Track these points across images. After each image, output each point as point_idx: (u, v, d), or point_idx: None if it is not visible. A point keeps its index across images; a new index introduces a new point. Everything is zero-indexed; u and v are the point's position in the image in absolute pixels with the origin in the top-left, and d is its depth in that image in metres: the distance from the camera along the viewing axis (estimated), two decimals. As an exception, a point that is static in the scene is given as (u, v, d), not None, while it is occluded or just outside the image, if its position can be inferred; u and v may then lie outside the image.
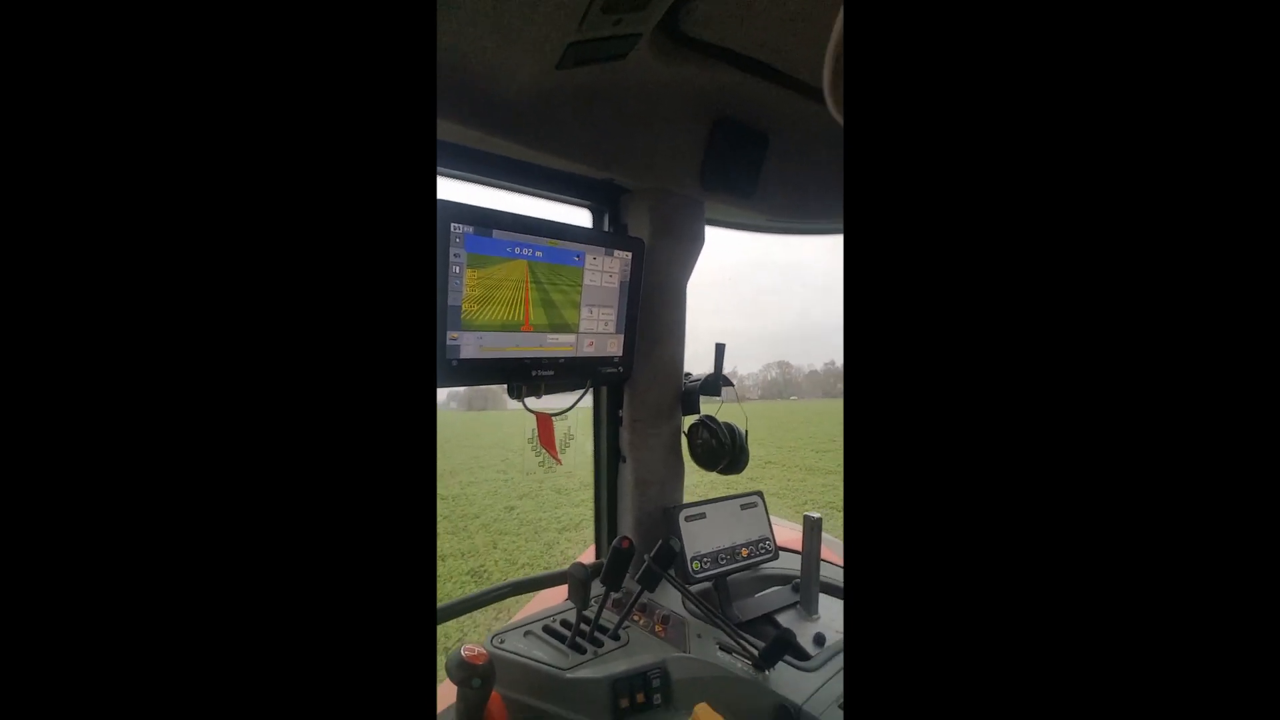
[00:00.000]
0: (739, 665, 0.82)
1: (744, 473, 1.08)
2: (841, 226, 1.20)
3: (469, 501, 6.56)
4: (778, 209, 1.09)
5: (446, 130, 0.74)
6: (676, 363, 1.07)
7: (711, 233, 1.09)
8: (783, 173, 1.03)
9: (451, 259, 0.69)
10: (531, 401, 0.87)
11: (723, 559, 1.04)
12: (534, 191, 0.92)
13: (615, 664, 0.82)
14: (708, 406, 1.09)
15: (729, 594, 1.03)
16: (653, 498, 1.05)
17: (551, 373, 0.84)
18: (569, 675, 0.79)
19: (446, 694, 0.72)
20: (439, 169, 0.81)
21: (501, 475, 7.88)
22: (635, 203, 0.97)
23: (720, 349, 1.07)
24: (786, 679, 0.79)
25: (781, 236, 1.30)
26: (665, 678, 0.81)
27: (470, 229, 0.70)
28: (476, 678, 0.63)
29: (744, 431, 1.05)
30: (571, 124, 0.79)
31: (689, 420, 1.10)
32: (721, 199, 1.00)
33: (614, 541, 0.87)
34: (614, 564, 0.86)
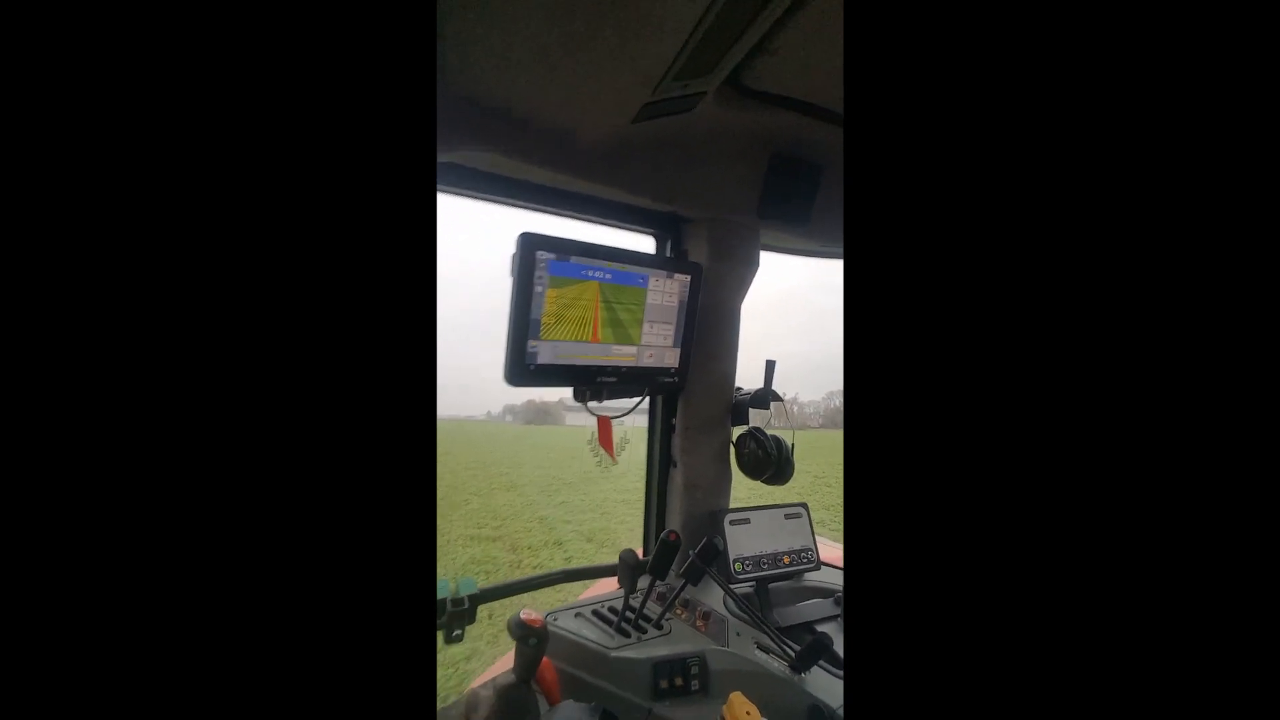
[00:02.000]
0: (775, 664, 0.86)
1: (800, 491, 1.13)
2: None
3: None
4: (832, 236, 1.14)
5: (532, 173, 0.88)
6: (729, 376, 1.15)
7: (768, 256, 1.17)
8: (837, 202, 1.09)
9: (536, 281, 0.82)
10: (594, 406, 0.98)
11: (764, 563, 1.09)
12: (605, 222, 1.05)
13: (657, 649, 0.89)
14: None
15: (770, 599, 1.08)
16: (700, 501, 1.12)
17: (614, 379, 0.94)
18: (614, 654, 0.87)
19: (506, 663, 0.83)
20: (527, 206, 0.96)
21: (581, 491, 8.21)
22: (695, 230, 1.07)
23: (770, 365, 1.14)
24: (821, 683, 0.82)
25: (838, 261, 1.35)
26: (703, 666, 0.88)
27: (552, 256, 0.82)
28: (533, 637, 0.73)
29: (790, 445, 1.11)
30: (641, 166, 0.91)
31: (738, 431, 1.17)
32: (777, 227, 1.07)
33: (662, 534, 0.95)
34: (660, 554, 0.94)
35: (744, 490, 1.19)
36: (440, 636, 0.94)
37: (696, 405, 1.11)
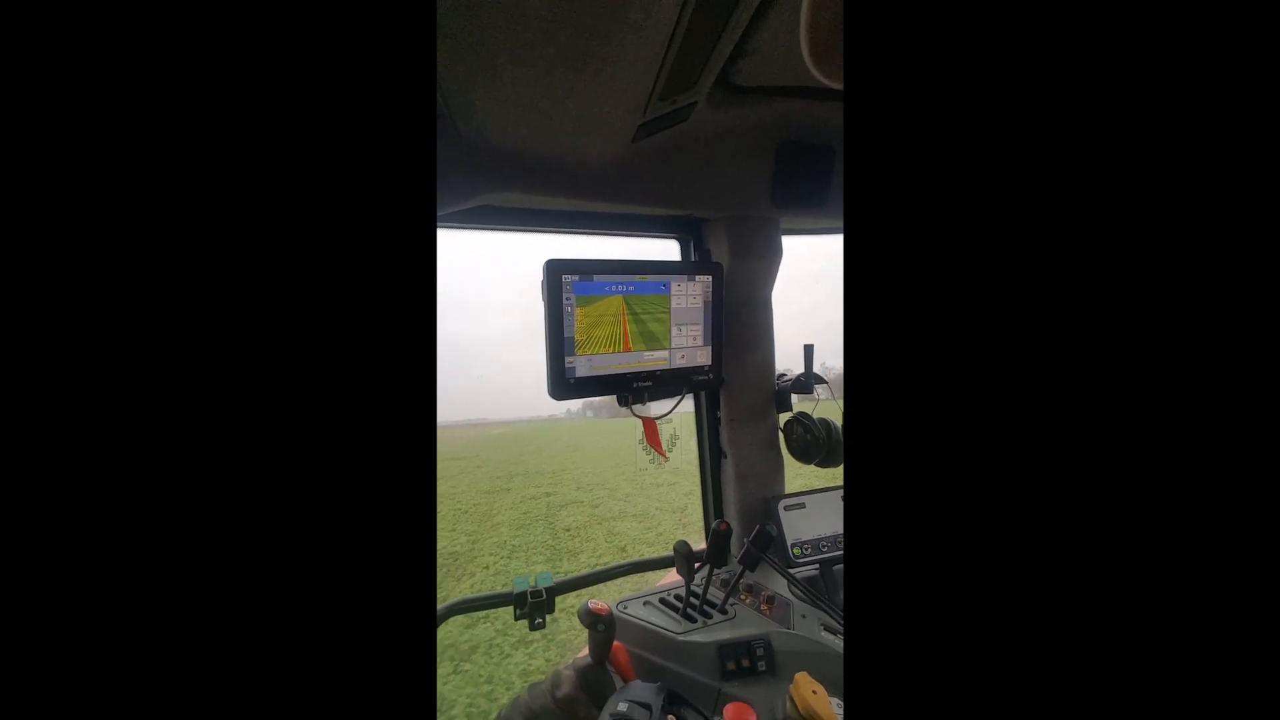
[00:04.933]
0: (841, 645, 0.88)
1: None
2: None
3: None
4: None
5: (545, 201, 0.96)
6: (768, 366, 1.16)
7: (799, 240, 1.17)
8: None
9: (564, 302, 0.90)
10: (639, 408, 1.05)
11: (824, 546, 1.10)
12: (629, 234, 1.11)
13: (722, 632, 0.94)
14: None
15: (836, 582, 1.09)
16: (753, 490, 1.15)
17: (650, 384, 1.01)
18: (681, 639, 0.93)
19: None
20: (555, 230, 1.05)
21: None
22: (715, 230, 1.10)
23: (809, 350, 1.14)
24: None
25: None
26: (769, 648, 0.91)
27: (576, 277, 0.90)
28: (600, 623, 0.81)
29: (839, 426, 1.10)
30: (649, 178, 0.96)
31: (785, 417, 1.18)
32: (794, 213, 1.08)
33: (714, 525, 1.00)
34: (714, 544, 0.98)
35: (809, 474, 1.19)
36: (525, 624, 1.05)
37: (738, 397, 1.14)
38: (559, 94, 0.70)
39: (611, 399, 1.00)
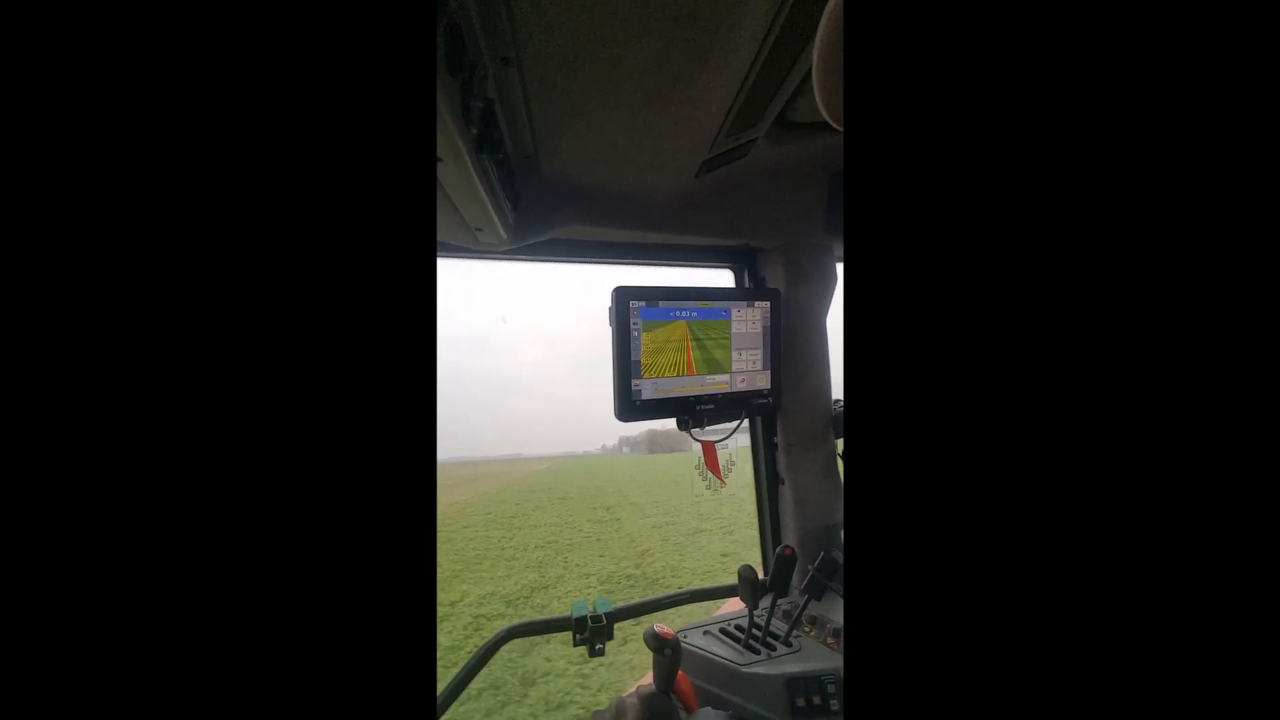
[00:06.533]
0: None
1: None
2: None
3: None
4: None
5: (610, 234, 1.02)
6: (824, 391, 1.17)
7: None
8: None
9: (632, 327, 0.94)
10: (697, 433, 1.07)
11: (890, 578, 1.06)
12: (684, 264, 1.16)
13: (788, 665, 0.91)
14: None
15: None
16: (812, 516, 1.13)
17: (712, 406, 1.02)
18: (744, 670, 0.91)
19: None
20: (619, 261, 1.11)
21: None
22: (770, 258, 1.14)
23: None
24: None
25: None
26: (840, 685, 0.88)
27: (643, 303, 0.95)
28: (668, 648, 0.80)
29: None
30: (709, 211, 1.01)
31: (843, 443, 1.17)
32: None
33: (777, 550, 0.98)
34: (778, 571, 0.97)
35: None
36: (584, 650, 1.04)
37: (795, 422, 1.14)
38: (638, 134, 0.76)
39: (647, 436, 1.03)
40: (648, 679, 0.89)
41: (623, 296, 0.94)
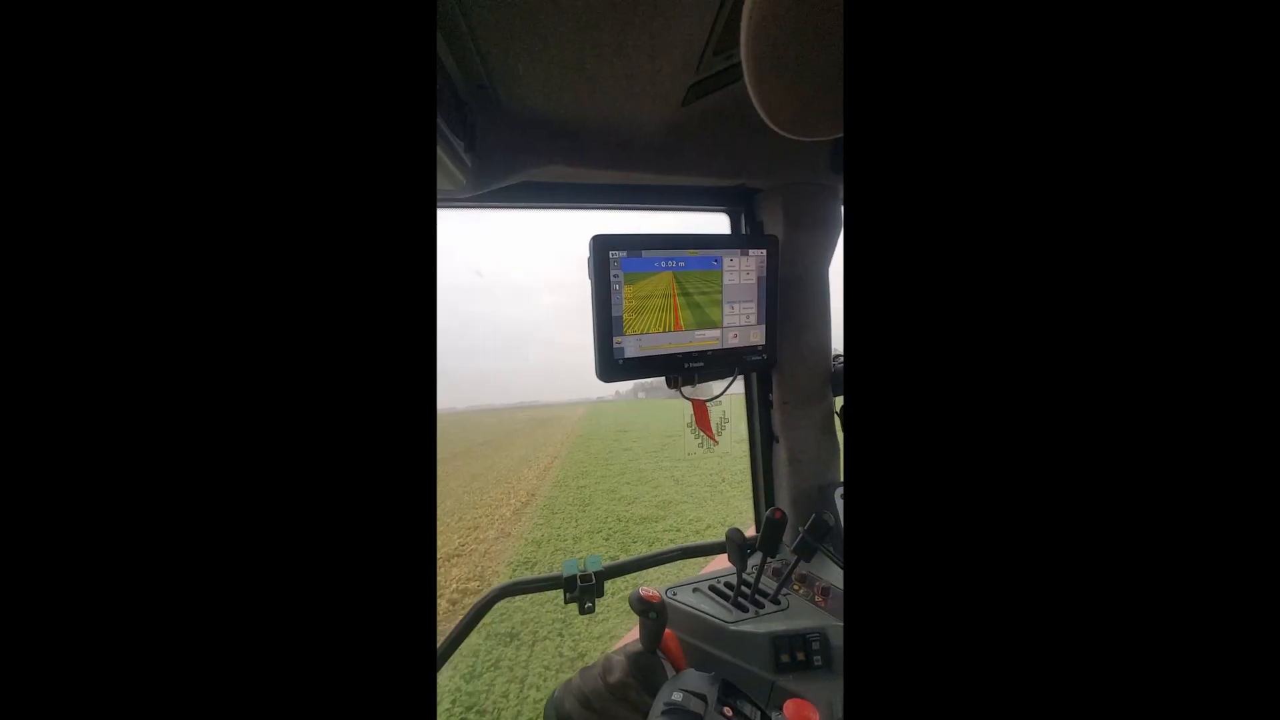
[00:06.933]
0: None
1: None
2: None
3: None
4: None
5: (589, 175, 0.92)
6: (823, 347, 1.10)
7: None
8: None
9: (612, 279, 0.86)
10: (688, 390, 1.01)
11: (885, 538, 1.04)
12: (675, 207, 1.06)
13: (775, 623, 0.90)
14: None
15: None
16: (807, 475, 1.10)
17: (701, 364, 0.96)
18: (733, 628, 0.90)
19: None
20: (592, 205, 1.01)
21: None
22: (768, 200, 1.03)
23: None
24: None
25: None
26: (825, 642, 0.87)
27: (624, 253, 0.86)
28: (652, 611, 0.79)
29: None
30: (700, 146, 0.90)
31: (841, 401, 1.11)
32: None
33: (767, 512, 0.95)
34: (767, 533, 0.94)
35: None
36: (575, 608, 1.05)
37: (791, 379, 1.08)
38: (606, 51, 0.65)
39: (662, 380, 0.97)
40: (633, 635, 0.89)
41: (601, 246, 0.85)
